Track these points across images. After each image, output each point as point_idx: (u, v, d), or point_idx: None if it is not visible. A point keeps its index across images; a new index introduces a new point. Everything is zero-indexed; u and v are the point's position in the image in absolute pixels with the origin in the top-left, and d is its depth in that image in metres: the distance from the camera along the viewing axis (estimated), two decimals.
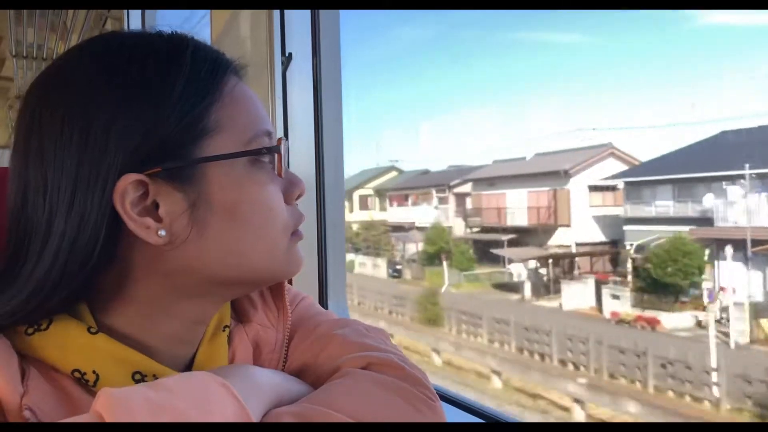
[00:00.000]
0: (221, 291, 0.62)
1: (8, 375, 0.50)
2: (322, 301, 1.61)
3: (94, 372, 0.55)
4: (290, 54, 1.62)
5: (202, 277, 0.58)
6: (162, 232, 0.55)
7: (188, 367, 0.64)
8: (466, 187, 26.75)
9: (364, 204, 32.67)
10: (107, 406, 0.43)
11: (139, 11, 3.17)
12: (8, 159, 0.63)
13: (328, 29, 1.63)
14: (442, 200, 27.66)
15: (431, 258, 25.05)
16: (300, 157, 1.59)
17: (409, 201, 29.67)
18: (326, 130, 1.61)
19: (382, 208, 31.75)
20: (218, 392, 0.47)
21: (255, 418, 0.50)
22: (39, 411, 0.50)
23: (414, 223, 28.17)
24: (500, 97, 34.96)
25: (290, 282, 0.75)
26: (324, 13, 1.62)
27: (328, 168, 1.61)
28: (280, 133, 1.55)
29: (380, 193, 32.43)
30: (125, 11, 3.32)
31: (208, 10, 1.98)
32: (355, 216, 31.94)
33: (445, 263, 23.71)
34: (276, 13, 1.62)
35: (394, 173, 33.20)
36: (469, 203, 26.60)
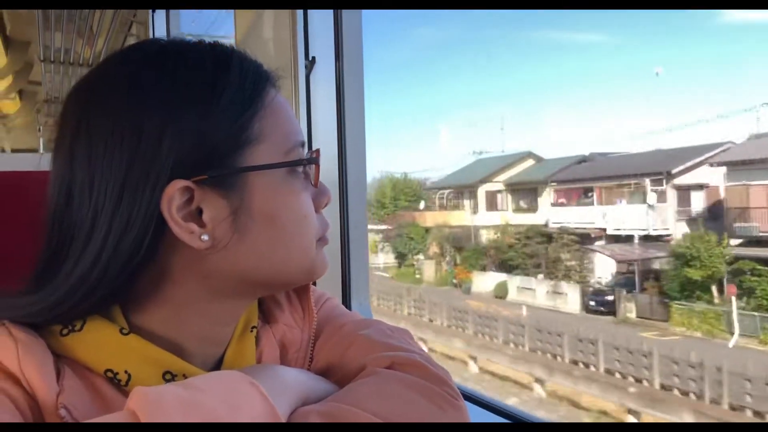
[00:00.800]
0: (253, 291, 0.65)
1: (45, 374, 0.52)
2: (346, 302, 1.62)
3: (126, 372, 0.56)
4: (313, 58, 1.63)
5: (238, 279, 0.60)
6: (205, 237, 0.56)
7: (217, 366, 0.65)
8: (700, 176, 17.12)
9: (492, 202, 24.63)
10: (141, 404, 0.44)
11: (163, 15, 3.21)
12: (38, 163, 0.65)
13: (350, 33, 1.64)
14: (659, 196, 17.94)
15: (689, 287, 15.26)
16: (322, 161, 1.59)
17: (593, 197, 20.08)
18: (349, 133, 1.62)
19: (519, 208, 23.39)
20: (247, 391, 0.48)
21: (283, 417, 0.51)
22: (74, 409, 0.52)
23: (604, 229, 19.27)
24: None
25: (314, 283, 0.76)
26: (347, 17, 1.63)
27: (351, 172, 1.62)
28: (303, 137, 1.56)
29: (515, 187, 23.93)
30: (150, 16, 3.36)
31: (232, 15, 2.00)
32: (481, 218, 24.22)
33: (734, 299, 14.11)
34: (299, 15, 1.64)
35: (530, 162, 24.92)
36: (701, 199, 17.22)
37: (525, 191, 23.54)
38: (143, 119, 0.55)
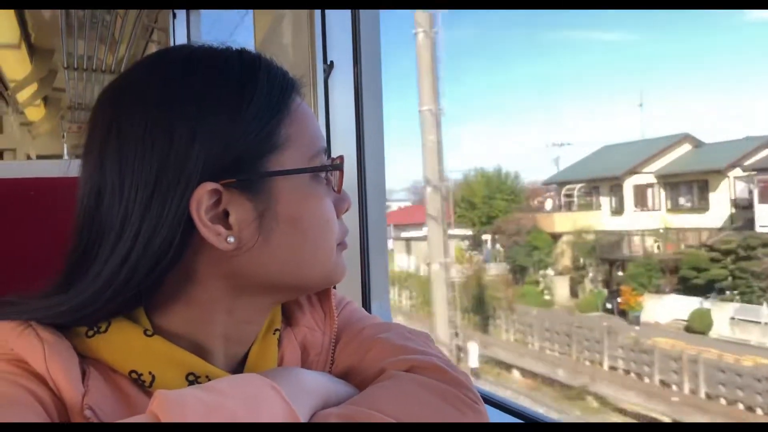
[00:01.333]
0: (274, 294, 0.65)
1: (71, 376, 0.53)
2: (365, 305, 1.63)
3: (150, 373, 0.57)
4: (332, 62, 1.64)
5: (261, 280, 0.61)
6: (231, 239, 0.57)
7: (240, 367, 0.66)
8: None
9: (641, 200, 18.51)
10: (162, 407, 0.45)
11: (184, 22, 3.24)
12: (61, 169, 0.66)
13: (368, 36, 1.65)
14: None
15: None
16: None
17: None
18: (367, 138, 1.62)
19: (678, 207, 17.36)
20: (268, 394, 0.49)
21: (303, 420, 0.52)
22: (99, 410, 0.53)
23: None
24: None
25: (334, 287, 0.77)
26: (364, 21, 1.64)
27: (370, 176, 1.62)
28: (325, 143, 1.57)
29: (670, 179, 17.77)
30: (171, 23, 3.40)
31: (252, 21, 2.02)
32: (626, 221, 18.26)
33: None
34: (317, 19, 1.64)
35: (686, 147, 18.47)
36: None
37: (685, 184, 17.45)
38: (174, 124, 0.55)
